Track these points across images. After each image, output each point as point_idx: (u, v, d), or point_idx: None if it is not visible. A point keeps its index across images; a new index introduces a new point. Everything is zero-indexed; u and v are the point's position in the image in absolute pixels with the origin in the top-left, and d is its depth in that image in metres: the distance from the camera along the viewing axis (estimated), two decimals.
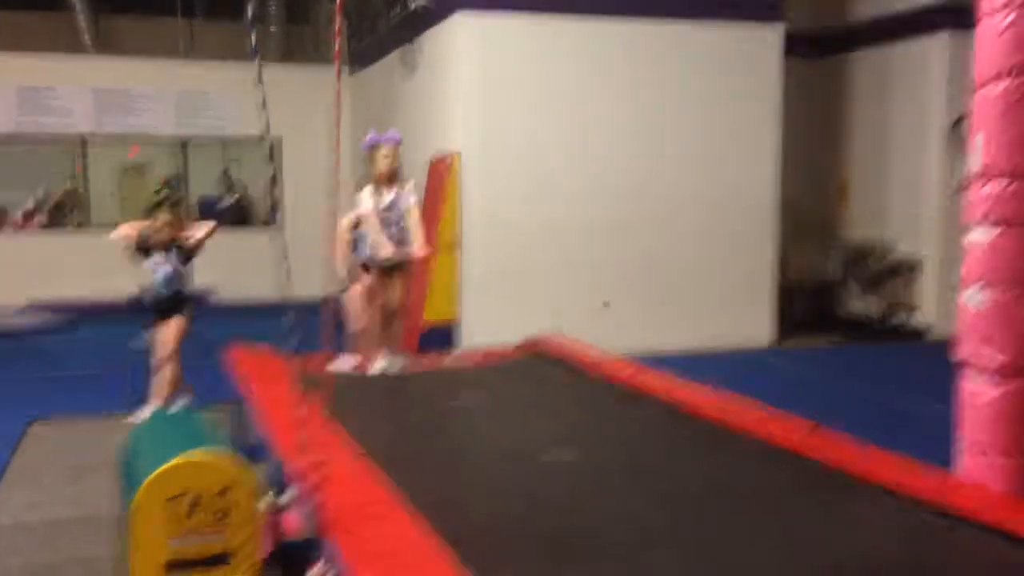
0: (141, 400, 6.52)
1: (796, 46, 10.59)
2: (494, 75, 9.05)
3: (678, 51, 9.44)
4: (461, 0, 9.01)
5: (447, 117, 9.50)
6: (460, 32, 9.08)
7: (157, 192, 12.71)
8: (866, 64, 11.13)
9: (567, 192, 9.23)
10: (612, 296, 9.39)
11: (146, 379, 6.62)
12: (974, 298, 3.28)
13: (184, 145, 13.69)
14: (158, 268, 6.53)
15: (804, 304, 11.38)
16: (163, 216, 6.54)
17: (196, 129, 13.54)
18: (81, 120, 13.09)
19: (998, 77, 3.18)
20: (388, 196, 6.20)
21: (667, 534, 2.97)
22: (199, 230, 6.68)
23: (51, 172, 14.62)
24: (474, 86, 9.06)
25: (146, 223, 6.64)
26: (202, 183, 13.98)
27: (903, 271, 10.44)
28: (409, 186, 6.36)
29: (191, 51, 14.35)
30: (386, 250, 6.11)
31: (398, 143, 6.36)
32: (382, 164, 6.16)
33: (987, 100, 3.22)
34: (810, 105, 11.54)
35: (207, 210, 13.22)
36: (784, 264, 10.90)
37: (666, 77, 9.46)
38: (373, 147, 6.23)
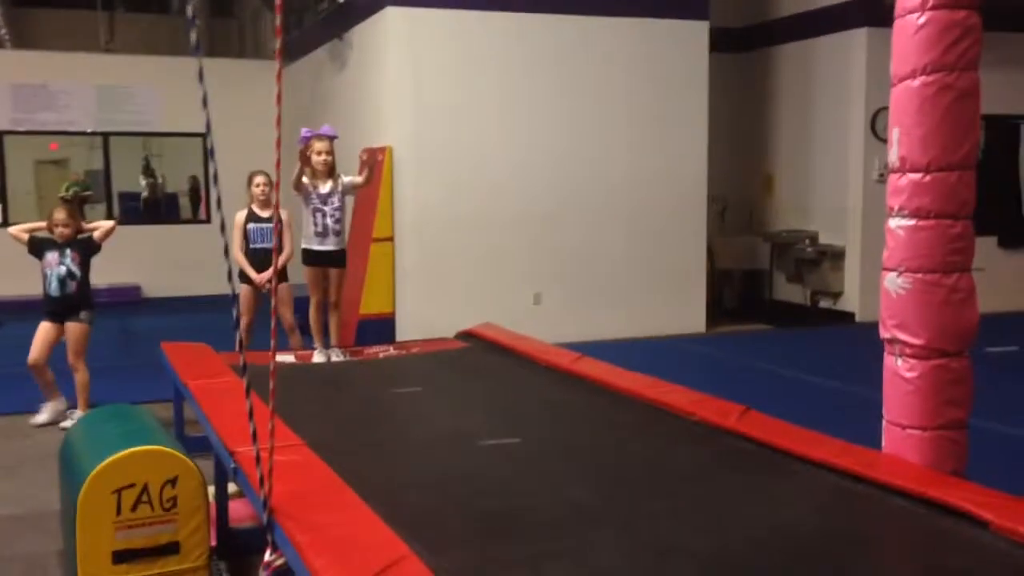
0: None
1: (721, 41, 10.87)
2: (424, 69, 9.10)
3: (606, 46, 9.60)
4: None
5: (378, 111, 9.53)
6: (390, 26, 9.10)
7: (66, 189, 12.50)
8: (789, 59, 11.44)
9: (499, 185, 9.34)
10: (545, 287, 9.53)
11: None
12: (893, 283, 3.47)
13: (105, 140, 13.41)
14: (51, 268, 6.37)
15: (735, 292, 11.72)
16: (58, 214, 6.42)
17: (117, 124, 13.26)
18: None
19: (912, 74, 3.36)
20: (323, 187, 6.29)
21: (600, 511, 3.09)
22: (97, 228, 6.56)
23: None
24: (404, 80, 9.10)
25: (39, 223, 6.55)
26: (125, 178, 13.73)
27: (827, 259, 10.79)
28: (345, 178, 6.49)
29: (111, 44, 14.09)
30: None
31: (333, 138, 6.43)
32: (316, 159, 6.23)
33: (903, 96, 3.40)
34: (737, 99, 11.85)
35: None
36: (714, 254, 11.19)
37: (594, 71, 9.62)
38: (307, 142, 6.27)
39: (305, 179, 6.26)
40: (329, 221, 6.31)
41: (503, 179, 9.35)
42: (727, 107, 11.40)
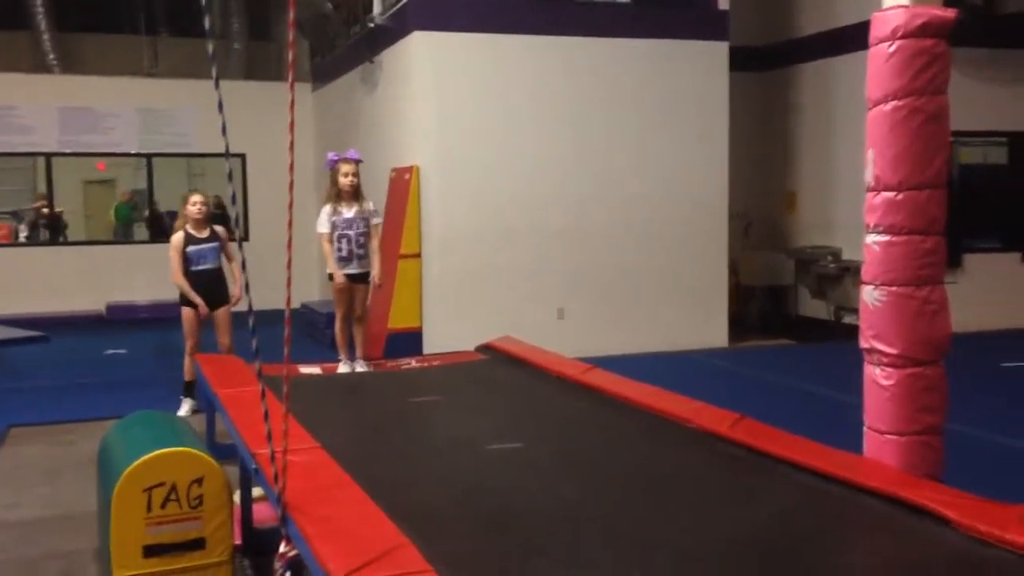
0: None
1: (744, 60, 11.08)
2: (450, 90, 9.42)
3: (628, 67, 9.86)
4: (417, 19, 9.38)
5: (406, 131, 9.85)
6: (417, 50, 9.44)
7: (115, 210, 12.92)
8: (811, 77, 11.62)
9: (523, 202, 9.61)
10: (568, 302, 9.77)
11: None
12: (871, 295, 3.67)
13: (149, 161, 13.90)
14: None
15: (758, 307, 11.88)
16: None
17: (159, 146, 13.74)
18: (46, 138, 13.27)
19: (885, 99, 3.57)
20: (348, 212, 6.60)
21: (594, 512, 3.32)
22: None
23: (18, 190, 14.84)
24: (431, 101, 9.42)
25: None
26: (168, 198, 14.20)
27: (850, 275, 10.91)
28: (370, 205, 6.77)
29: (155, 68, 14.59)
30: (338, 276, 6.62)
31: (358, 162, 6.75)
32: (343, 181, 6.55)
33: (876, 119, 3.61)
34: (760, 117, 12.05)
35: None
36: (738, 270, 11.37)
37: (617, 92, 9.87)
38: (334, 165, 6.61)
39: (329, 207, 6.63)
40: (353, 246, 6.61)
41: (527, 197, 9.62)
42: (750, 125, 11.61)
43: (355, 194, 6.64)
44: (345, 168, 6.60)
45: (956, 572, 2.80)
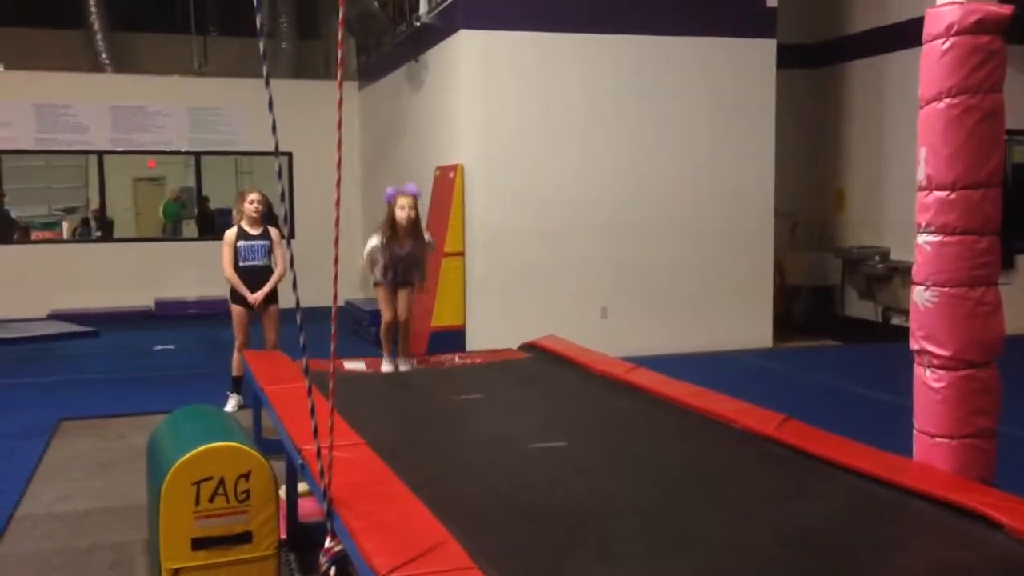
0: None
1: (793, 58, 10.95)
2: (496, 89, 9.43)
3: (675, 65, 9.79)
4: (464, 18, 9.40)
5: (452, 130, 9.88)
6: (464, 48, 9.46)
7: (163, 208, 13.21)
8: (861, 74, 11.46)
9: (567, 200, 9.59)
10: (612, 302, 9.73)
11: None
12: (922, 296, 3.61)
13: (197, 159, 14.10)
14: None
15: (804, 308, 11.74)
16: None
17: (208, 144, 13.92)
18: (97, 136, 13.50)
19: (938, 96, 3.51)
20: (401, 251, 6.40)
21: (636, 510, 3.31)
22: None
23: (70, 187, 15.16)
24: (477, 100, 9.44)
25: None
26: (218, 195, 14.39)
27: (898, 275, 10.75)
28: (426, 236, 6.62)
29: (205, 67, 14.78)
30: (383, 283, 6.49)
31: (416, 196, 6.46)
32: (400, 215, 6.27)
33: (929, 117, 3.55)
34: (808, 115, 11.90)
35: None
36: (784, 269, 11.25)
37: (663, 90, 9.81)
38: (392, 200, 6.36)
39: (379, 242, 6.35)
40: (400, 270, 6.47)
41: (571, 195, 9.60)
42: (799, 123, 11.47)
43: (413, 229, 6.37)
44: (403, 201, 6.30)
45: None
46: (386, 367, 6.41)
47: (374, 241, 6.39)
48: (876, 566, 2.86)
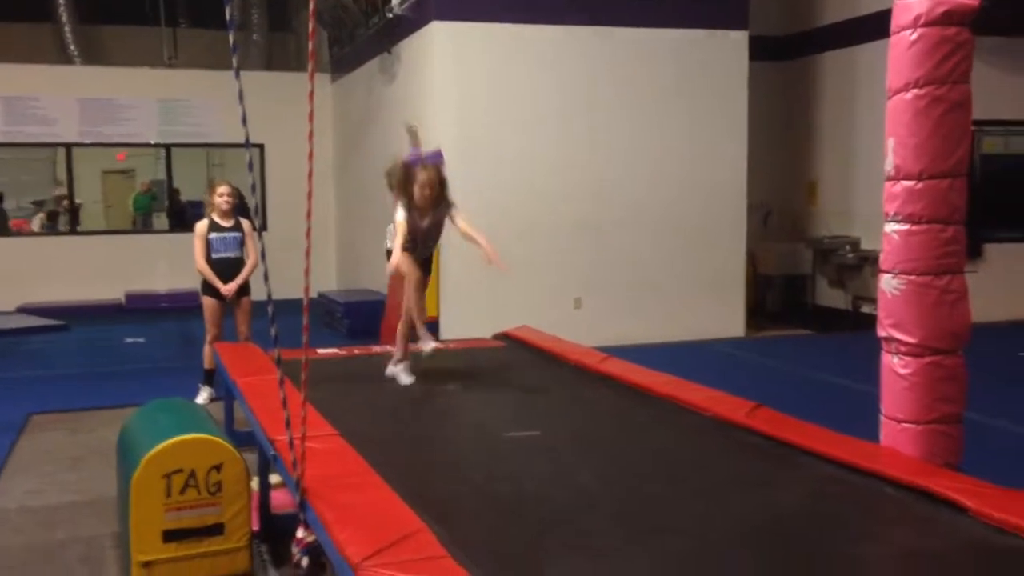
0: None
1: (765, 50, 11.01)
2: (469, 81, 9.41)
3: (648, 57, 9.81)
4: (437, 9, 9.36)
5: (424, 121, 9.83)
6: (436, 40, 9.43)
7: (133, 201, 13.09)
8: (832, 66, 11.53)
9: (540, 192, 9.59)
10: (586, 292, 9.76)
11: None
12: (889, 284, 3.65)
13: (168, 151, 13.97)
14: None
15: (777, 297, 11.83)
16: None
17: (177, 136, 13.78)
18: (66, 129, 13.34)
19: (906, 87, 3.54)
20: (424, 221, 5.34)
21: (609, 498, 3.34)
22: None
23: (39, 180, 14.97)
24: (449, 92, 9.42)
25: None
26: (188, 188, 14.26)
27: (868, 265, 10.85)
28: (451, 206, 5.46)
29: (175, 59, 14.63)
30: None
31: (441, 164, 5.41)
32: (419, 195, 5.21)
33: (897, 108, 3.59)
34: (781, 107, 11.97)
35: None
36: (756, 259, 11.32)
37: (637, 81, 9.83)
38: (416, 164, 5.31)
39: (401, 215, 5.25)
40: (421, 243, 5.43)
41: (544, 187, 9.60)
42: (771, 115, 11.53)
43: (435, 201, 5.31)
44: (422, 178, 5.20)
45: (973, 560, 2.79)
46: (427, 346, 5.24)
47: (400, 215, 5.24)
48: (844, 551, 2.90)
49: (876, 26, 10.63)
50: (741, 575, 2.69)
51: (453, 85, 9.41)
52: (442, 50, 9.42)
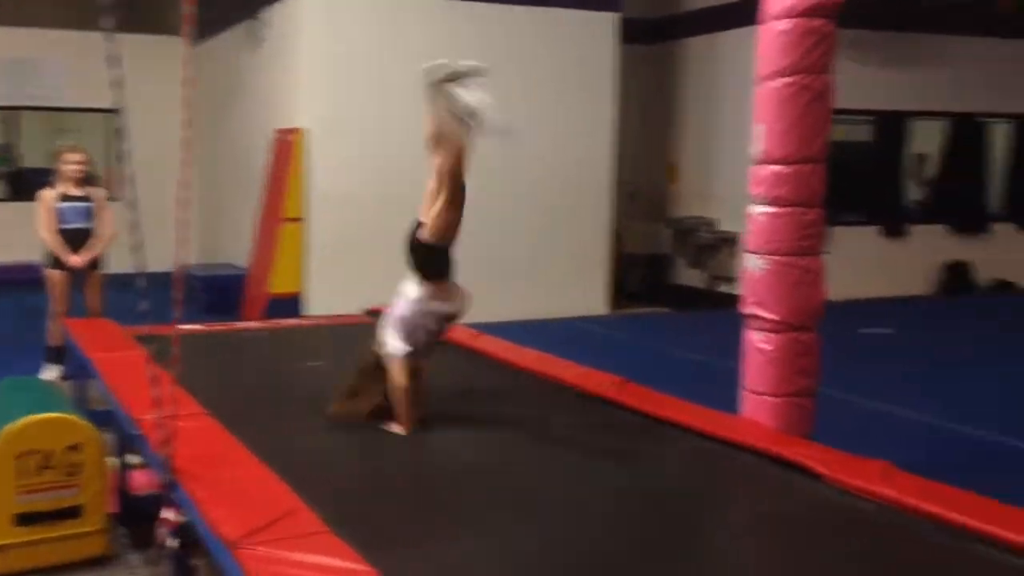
0: None
1: (635, 32, 11.20)
2: (340, 52, 9.23)
3: (517, 34, 9.84)
4: None
5: (293, 92, 9.61)
6: (306, 7, 9.20)
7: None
8: (696, 51, 11.85)
9: (409, 168, 9.44)
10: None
11: None
12: (754, 263, 3.81)
13: (13, 115, 13.16)
14: None
15: (639, 276, 12.12)
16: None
17: (23, 99, 12.98)
18: None
19: (774, 75, 3.69)
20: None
21: (480, 470, 3.41)
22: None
23: None
24: (320, 62, 9.22)
25: None
26: (37, 153, 13.45)
27: (725, 245, 11.24)
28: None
29: (18, 16, 13.74)
30: None
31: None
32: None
33: (765, 95, 3.74)
34: (649, 89, 12.23)
35: None
36: (620, 239, 11.57)
37: (506, 58, 9.78)
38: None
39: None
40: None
41: (413, 163, 9.40)
42: (640, 97, 11.78)
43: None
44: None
45: (827, 522, 2.98)
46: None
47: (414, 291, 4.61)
48: (707, 516, 3.05)
49: (741, 14, 11.02)
50: (618, 544, 2.77)
51: (323, 55, 9.24)
52: (312, 18, 9.24)
